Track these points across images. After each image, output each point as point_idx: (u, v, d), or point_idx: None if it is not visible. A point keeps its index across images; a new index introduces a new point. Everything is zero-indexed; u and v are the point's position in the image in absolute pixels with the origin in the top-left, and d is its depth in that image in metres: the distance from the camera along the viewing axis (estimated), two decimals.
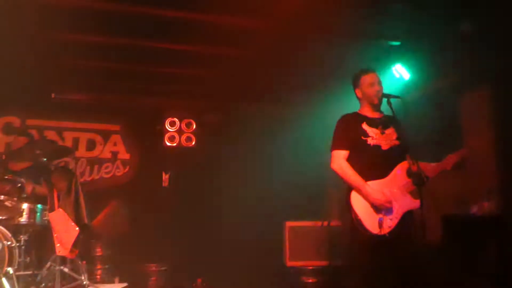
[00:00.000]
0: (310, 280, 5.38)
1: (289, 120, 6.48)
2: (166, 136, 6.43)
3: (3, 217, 4.36)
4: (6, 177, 4.52)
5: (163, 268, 5.61)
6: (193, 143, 6.51)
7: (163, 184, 6.31)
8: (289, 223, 5.67)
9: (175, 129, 6.49)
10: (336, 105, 4.42)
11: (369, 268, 3.16)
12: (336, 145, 3.41)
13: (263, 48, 4.94)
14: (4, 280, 3.76)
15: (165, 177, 6.32)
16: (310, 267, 5.43)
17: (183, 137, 6.50)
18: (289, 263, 5.56)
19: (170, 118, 6.49)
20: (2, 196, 4.32)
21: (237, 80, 5.87)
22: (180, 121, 6.52)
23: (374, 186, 3.24)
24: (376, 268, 3.13)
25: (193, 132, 6.55)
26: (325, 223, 5.58)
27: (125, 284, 5.14)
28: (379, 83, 3.47)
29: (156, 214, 5.93)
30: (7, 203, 4.34)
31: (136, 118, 6.47)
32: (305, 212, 5.84)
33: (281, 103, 6.50)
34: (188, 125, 6.56)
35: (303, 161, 6.14)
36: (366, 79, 3.48)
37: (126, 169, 6.48)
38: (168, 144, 6.42)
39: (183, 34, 4.70)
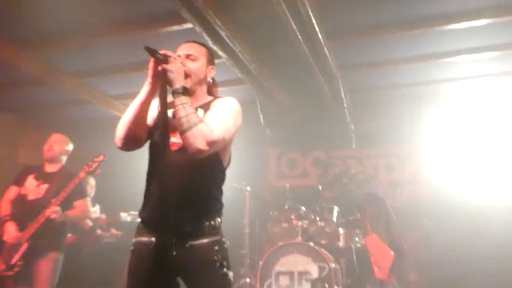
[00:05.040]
0: None
1: None
2: None
3: (325, 242, 4.84)
4: (323, 205, 5.03)
5: None
6: None
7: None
8: None
9: None
10: None
11: None
12: None
13: None
14: None
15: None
16: None
17: None
18: None
19: None
20: (323, 223, 4.82)
21: None
22: None
23: None
24: None
25: None
26: None
27: None
28: None
29: (470, 239, 5.43)
30: (327, 229, 4.82)
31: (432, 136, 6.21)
32: None
33: None
34: None
35: None
36: None
37: (429, 189, 6.26)
38: None
39: None
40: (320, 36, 4.02)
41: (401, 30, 4.22)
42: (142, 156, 2.34)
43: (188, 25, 3.89)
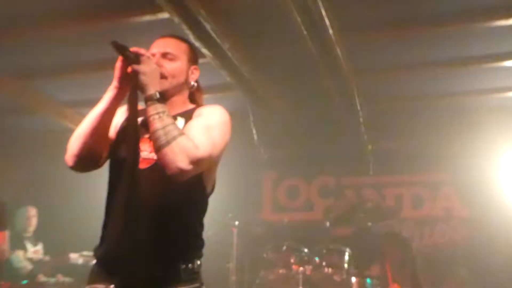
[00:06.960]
0: None
1: None
2: None
3: None
4: (331, 246, 5.02)
5: None
6: None
7: None
8: None
9: None
10: None
11: None
12: None
13: None
14: None
15: None
16: None
17: None
18: None
19: None
20: (331, 269, 4.80)
21: None
22: None
23: None
24: None
25: None
26: None
27: None
28: None
29: None
30: (336, 278, 4.80)
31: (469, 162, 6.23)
32: None
33: None
34: None
35: None
36: None
37: (466, 231, 6.28)
38: None
39: None
40: (330, 31, 4.06)
41: (435, 25, 4.25)
42: (99, 180, 2.32)
43: (164, 15, 3.92)
